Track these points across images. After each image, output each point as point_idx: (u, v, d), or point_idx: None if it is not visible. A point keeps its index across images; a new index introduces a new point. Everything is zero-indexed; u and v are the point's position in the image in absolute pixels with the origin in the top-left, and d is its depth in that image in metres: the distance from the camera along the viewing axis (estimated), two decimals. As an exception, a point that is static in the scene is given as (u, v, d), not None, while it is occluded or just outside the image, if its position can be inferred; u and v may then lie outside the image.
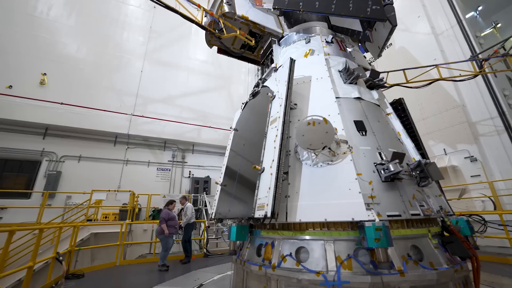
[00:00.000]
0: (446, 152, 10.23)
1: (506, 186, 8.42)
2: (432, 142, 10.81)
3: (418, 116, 11.17)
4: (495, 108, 9.23)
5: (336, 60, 4.03)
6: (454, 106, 10.09)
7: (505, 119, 9.03)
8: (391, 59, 12.90)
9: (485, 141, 9.34)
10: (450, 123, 10.22)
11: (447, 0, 11.24)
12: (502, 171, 8.72)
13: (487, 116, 9.39)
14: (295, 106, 3.49)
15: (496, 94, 9.29)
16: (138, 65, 12.18)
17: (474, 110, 9.72)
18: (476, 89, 9.41)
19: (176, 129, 11.51)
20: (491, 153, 9.15)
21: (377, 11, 3.47)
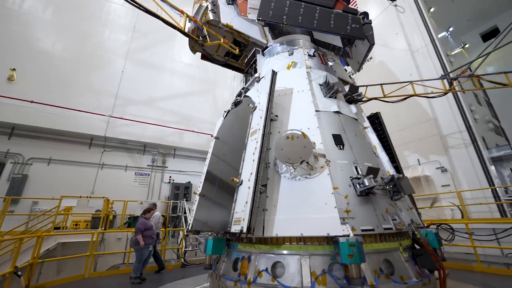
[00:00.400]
0: (420, 163, 10.79)
1: (472, 196, 9.02)
2: (407, 153, 11.37)
3: (395, 128, 11.74)
4: (463, 122, 9.95)
5: (317, 74, 4.13)
6: (427, 119, 10.72)
7: (472, 133, 9.74)
8: (371, 72, 13.52)
9: (454, 153, 9.99)
10: (424, 135, 10.83)
11: (422, 20, 12.03)
12: (468, 182, 9.35)
13: (456, 130, 10.07)
14: (276, 117, 3.50)
15: (464, 110, 10.03)
16: (119, 64, 11.73)
17: (445, 123, 10.39)
18: (447, 104, 10.08)
19: (157, 133, 11.14)
20: (459, 164, 9.78)
21: (356, 29, 3.61)
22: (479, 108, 13.37)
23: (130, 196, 9.67)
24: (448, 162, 9.93)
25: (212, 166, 4.08)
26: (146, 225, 5.87)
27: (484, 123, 13.34)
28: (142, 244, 5.55)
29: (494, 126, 14.65)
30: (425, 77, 11.30)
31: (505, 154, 10.34)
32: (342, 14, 3.74)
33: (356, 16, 3.70)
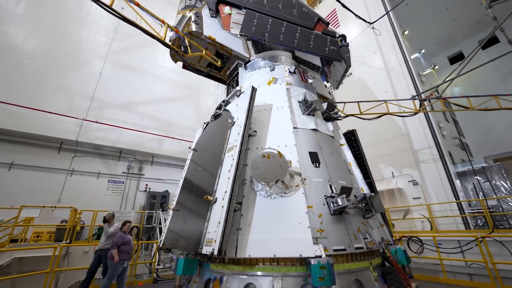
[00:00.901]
0: (394, 175, 11.32)
1: (440, 208, 9.58)
2: (382, 165, 11.89)
3: (371, 141, 12.29)
4: (432, 139, 10.66)
5: (297, 91, 4.22)
6: (401, 134, 11.35)
7: (440, 149, 10.45)
8: (350, 87, 14.16)
9: (425, 167, 10.62)
10: (397, 149, 11.43)
11: (397, 42, 12.90)
12: (437, 194, 9.94)
13: (426, 145, 10.75)
14: (254, 133, 3.50)
15: (433, 127, 10.76)
16: (97, 66, 11.21)
17: (416, 139, 11.05)
18: (418, 121, 10.74)
19: (134, 138, 10.68)
20: (428, 178, 10.40)
21: (334, 51, 3.76)
22: (447, 125, 14.43)
23: (102, 205, 9.08)
24: (419, 175, 10.52)
25: (188, 178, 3.96)
26: (123, 239, 5.55)
27: (451, 139, 14.39)
28: (116, 260, 5.21)
29: (459, 142, 15.87)
30: (399, 94, 12.04)
31: (469, 170, 11.18)
32: (321, 36, 3.89)
33: (334, 39, 3.86)
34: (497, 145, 16.25)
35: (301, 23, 4.00)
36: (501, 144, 16.00)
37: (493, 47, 17.10)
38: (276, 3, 4.20)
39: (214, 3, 4.34)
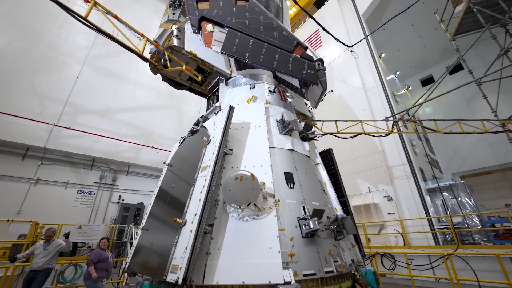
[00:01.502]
0: (370, 190, 11.71)
1: (413, 224, 9.99)
2: (360, 180, 12.29)
3: (349, 157, 12.72)
4: (405, 156, 11.26)
5: (275, 110, 4.29)
6: (376, 151, 11.86)
7: (412, 166, 11.05)
8: (331, 103, 14.74)
9: (398, 183, 11.12)
10: (373, 165, 11.90)
11: (374, 63, 13.74)
12: (410, 210, 10.39)
13: (400, 163, 11.31)
14: (230, 151, 3.48)
15: (406, 145, 11.40)
16: (75, 70, 10.73)
17: (390, 156, 11.60)
18: (392, 139, 11.31)
19: (110, 147, 10.18)
20: (402, 194, 10.87)
21: (311, 75, 3.91)
22: (419, 142, 15.33)
23: (69, 218, 8.44)
24: (393, 191, 10.96)
25: (161, 195, 3.82)
26: (100, 256, 5.22)
27: (423, 156, 15.27)
28: (94, 276, 4.85)
29: (430, 159, 16.89)
30: (375, 112, 12.69)
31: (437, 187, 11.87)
32: (299, 59, 4.03)
33: (311, 63, 4.02)
34: (463, 163, 17.47)
35: (281, 46, 4.13)
36: (467, 161, 17.22)
37: (459, 73, 18.71)
38: (258, 24, 4.32)
39: (197, 20, 4.38)
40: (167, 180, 4.11)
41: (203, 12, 4.46)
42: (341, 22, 15.85)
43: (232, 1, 4.57)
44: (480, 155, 16.37)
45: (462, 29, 8.55)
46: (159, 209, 3.52)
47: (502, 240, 7.36)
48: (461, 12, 7.71)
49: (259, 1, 5.89)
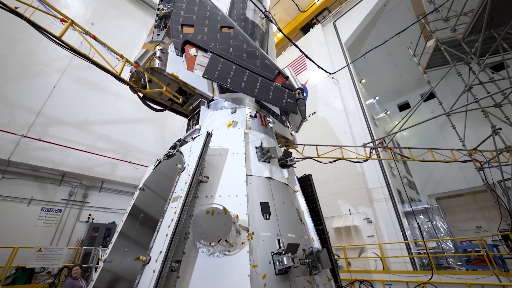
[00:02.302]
0: (351, 212, 11.82)
1: (391, 247, 10.10)
2: (341, 202, 12.41)
3: (331, 177, 12.90)
4: (384, 179, 11.61)
5: (255, 136, 4.28)
6: (357, 173, 12.14)
7: (390, 189, 11.38)
8: (314, 124, 15.14)
9: (377, 206, 11.34)
10: (354, 187, 12.12)
11: (355, 88, 14.46)
12: (388, 233, 10.54)
13: (379, 185, 11.61)
14: (206, 179, 3.36)
15: (384, 168, 11.80)
16: (52, 79, 10.28)
17: (370, 178, 11.91)
18: (372, 162, 11.64)
19: (83, 161, 9.59)
20: (381, 217, 11.06)
21: (291, 104, 3.98)
22: (397, 164, 15.94)
23: (28, 240, 7.65)
24: (373, 214, 11.13)
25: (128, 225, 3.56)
26: (73, 287, 4.74)
27: (401, 178, 15.84)
28: None
29: (408, 181, 17.55)
30: (356, 135, 13.15)
31: (414, 210, 12.24)
32: (280, 88, 4.12)
33: (291, 92, 4.11)
34: (437, 185, 18.30)
35: (262, 74, 4.21)
36: (441, 184, 18.07)
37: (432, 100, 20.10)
38: (241, 52, 4.41)
39: (180, 43, 4.40)
40: (137, 206, 3.88)
41: (188, 36, 4.50)
42: (325, 49, 16.75)
43: (217, 28, 4.66)
44: (452, 178, 17.28)
45: (432, 64, 9.32)
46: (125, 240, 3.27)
47: (474, 265, 7.60)
48: (431, 49, 8.43)
49: (245, 27, 6.12)
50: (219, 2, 6.31)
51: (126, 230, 3.62)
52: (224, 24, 4.72)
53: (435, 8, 7.40)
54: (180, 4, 4.90)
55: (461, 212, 17.69)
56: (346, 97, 14.42)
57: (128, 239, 3.40)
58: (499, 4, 5.96)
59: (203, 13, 4.80)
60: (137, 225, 3.45)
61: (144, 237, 3.10)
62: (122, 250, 3.35)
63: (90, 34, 3.51)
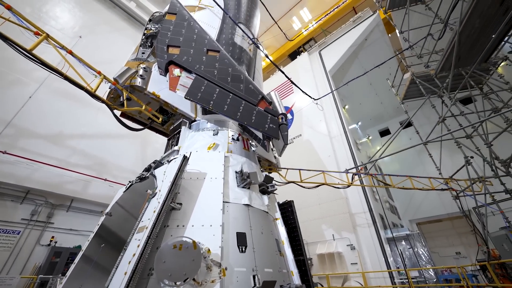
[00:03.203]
0: (334, 238, 11.60)
1: (375, 276, 9.86)
2: (324, 226, 12.20)
3: (316, 201, 12.79)
4: (366, 204, 11.65)
5: (236, 160, 4.15)
6: (340, 197, 12.12)
7: (372, 214, 11.39)
8: (300, 147, 15.32)
9: (361, 231, 11.22)
10: (338, 211, 12.02)
11: (338, 113, 14.98)
12: (371, 260, 10.34)
13: (361, 210, 11.60)
14: (179, 206, 3.12)
15: (367, 193, 11.90)
16: (29, 89, 9.79)
17: (353, 203, 11.90)
18: (355, 186, 11.72)
19: (52, 177, 8.86)
20: (364, 243, 10.91)
21: (273, 129, 3.95)
22: (380, 190, 16.19)
23: (-27, 265, 6.70)
24: (356, 239, 10.97)
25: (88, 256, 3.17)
26: None
27: (384, 202, 16.02)
28: None
29: (390, 205, 17.79)
30: (340, 159, 13.36)
31: (396, 236, 12.25)
32: (262, 113, 4.10)
33: (274, 118, 4.10)
34: (418, 210, 18.67)
35: (246, 98, 4.20)
36: (421, 209, 18.46)
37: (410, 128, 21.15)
38: (226, 75, 4.42)
39: (164, 63, 4.35)
40: (107, 227, 3.52)
41: (172, 57, 4.47)
42: (310, 75, 17.53)
43: (203, 51, 4.69)
44: (431, 204, 17.74)
45: (409, 95, 9.93)
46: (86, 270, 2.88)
47: (455, 296, 7.52)
48: (407, 82, 9.02)
49: (233, 52, 6.24)
50: (208, 26, 6.47)
51: (92, 253, 3.24)
52: (211, 47, 4.77)
53: (409, 46, 8.05)
54: (167, 25, 4.94)
55: (441, 238, 17.99)
56: (330, 122, 14.85)
57: (92, 263, 3.02)
58: (464, 47, 6.57)
59: (190, 36, 4.85)
60: (104, 248, 3.09)
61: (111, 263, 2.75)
62: (83, 276, 2.95)
63: (66, 49, 3.37)
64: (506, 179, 6.12)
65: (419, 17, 10.35)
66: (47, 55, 3.54)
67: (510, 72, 7.23)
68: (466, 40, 6.40)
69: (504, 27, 5.80)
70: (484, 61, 7.13)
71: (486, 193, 6.61)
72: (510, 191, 6.39)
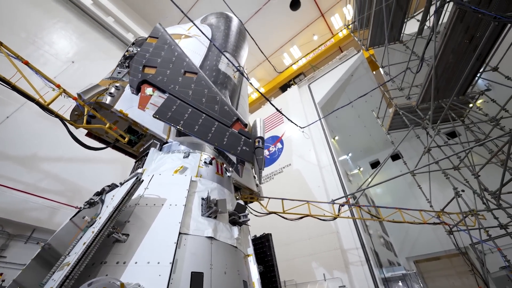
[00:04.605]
0: (326, 278, 10.56)
1: (370, 324, 8.74)
2: (315, 264, 11.19)
3: (305, 236, 11.94)
4: (358, 239, 10.89)
5: (205, 185, 3.76)
6: (331, 231, 11.37)
7: (365, 251, 10.58)
8: (289, 176, 14.91)
9: (354, 270, 10.28)
10: (328, 247, 11.16)
11: (327, 143, 14.97)
12: (366, 305, 9.29)
13: (354, 246, 10.80)
14: (124, 238, 2.63)
15: (358, 226, 11.21)
16: (8, 109, 9.48)
17: (345, 237, 11.13)
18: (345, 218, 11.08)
19: (15, 203, 8.04)
20: (358, 284, 9.90)
21: (246, 152, 3.66)
22: (372, 223, 15.45)
23: None
24: (349, 280, 10.00)
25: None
26: None
27: (377, 238, 15.14)
28: None
29: (384, 241, 16.84)
30: (330, 189, 12.91)
31: (392, 276, 11.30)
32: (236, 135, 3.85)
33: (248, 140, 3.85)
34: (414, 246, 17.70)
35: (219, 119, 3.98)
36: (417, 245, 17.52)
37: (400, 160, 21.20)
38: (201, 96, 4.26)
39: (137, 82, 4.20)
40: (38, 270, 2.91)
41: (147, 76, 4.34)
42: (300, 106, 17.98)
43: (180, 72, 4.61)
44: (427, 239, 16.92)
45: (394, 126, 10.04)
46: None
47: None
48: (391, 114, 9.17)
49: (216, 77, 6.22)
50: (193, 53, 6.57)
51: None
52: (189, 69, 4.70)
53: (390, 79, 8.35)
54: (147, 47, 4.93)
55: (440, 278, 16.74)
56: (319, 152, 14.75)
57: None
58: (442, 80, 6.80)
59: (169, 58, 4.81)
60: None
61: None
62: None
63: (22, 59, 3.18)
64: (499, 213, 5.80)
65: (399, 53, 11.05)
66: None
67: (490, 104, 7.43)
68: (442, 73, 6.64)
69: (475, 63, 6.06)
70: (462, 94, 7.34)
71: (480, 228, 6.21)
72: (504, 226, 6.02)
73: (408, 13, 9.94)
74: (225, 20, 9.15)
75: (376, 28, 9.90)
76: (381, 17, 8.92)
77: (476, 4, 4.92)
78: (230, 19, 9.38)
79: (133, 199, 3.12)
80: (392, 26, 9.66)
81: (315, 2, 20.84)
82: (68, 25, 14.04)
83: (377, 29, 9.91)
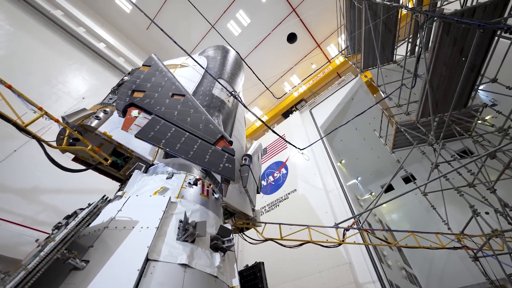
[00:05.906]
0: (341, 320, 9.27)
1: None
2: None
3: (315, 268, 10.84)
4: (374, 270, 9.73)
5: (186, 206, 3.49)
6: (343, 262, 10.29)
7: (383, 285, 9.35)
8: (294, 202, 14.20)
9: (373, 310, 9.01)
10: (341, 281, 9.98)
11: (333, 167, 14.47)
12: None
13: (370, 279, 9.60)
14: (83, 265, 2.35)
15: (373, 255, 10.10)
16: (17, 143, 9.87)
17: (360, 269, 9.96)
18: (358, 248, 10.11)
19: (9, 237, 7.84)
20: (379, 328, 8.59)
21: (228, 169, 3.47)
22: (391, 253, 13.99)
23: None
24: (368, 322, 8.72)
25: None
26: None
27: (398, 270, 13.56)
28: None
29: (407, 273, 15.05)
30: (338, 215, 12.05)
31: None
32: (219, 152, 3.71)
33: (232, 157, 3.68)
34: (442, 279, 15.71)
35: (203, 137, 3.89)
36: (445, 277, 15.56)
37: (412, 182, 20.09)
38: (186, 116, 4.25)
39: (123, 105, 4.26)
40: None
41: (134, 100, 4.42)
42: (303, 131, 17.98)
43: (168, 95, 4.69)
44: (455, 270, 15.07)
45: (397, 144, 9.67)
46: None
47: None
48: (393, 131, 8.90)
49: (208, 101, 6.31)
50: (187, 80, 6.81)
51: None
52: (177, 91, 4.79)
53: (386, 96, 8.28)
54: (138, 74, 5.13)
55: (480, 321, 14.44)
56: (325, 175, 14.22)
57: None
58: (438, 93, 6.64)
59: (159, 82, 4.95)
60: None
61: None
62: None
63: (5, 83, 3.30)
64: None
65: (397, 73, 11.16)
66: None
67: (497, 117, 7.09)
68: (438, 86, 6.51)
69: (470, 74, 5.93)
70: (463, 107, 7.09)
71: (510, 252, 5.42)
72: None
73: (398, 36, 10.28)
74: (222, 51, 9.68)
75: (368, 51, 10.18)
76: (371, 40, 9.23)
77: (460, 16, 4.98)
78: (226, 50, 9.93)
79: (103, 223, 2.91)
80: (383, 48, 9.93)
81: (311, 34, 22.17)
82: (83, 67, 15.33)
83: (369, 51, 10.19)
